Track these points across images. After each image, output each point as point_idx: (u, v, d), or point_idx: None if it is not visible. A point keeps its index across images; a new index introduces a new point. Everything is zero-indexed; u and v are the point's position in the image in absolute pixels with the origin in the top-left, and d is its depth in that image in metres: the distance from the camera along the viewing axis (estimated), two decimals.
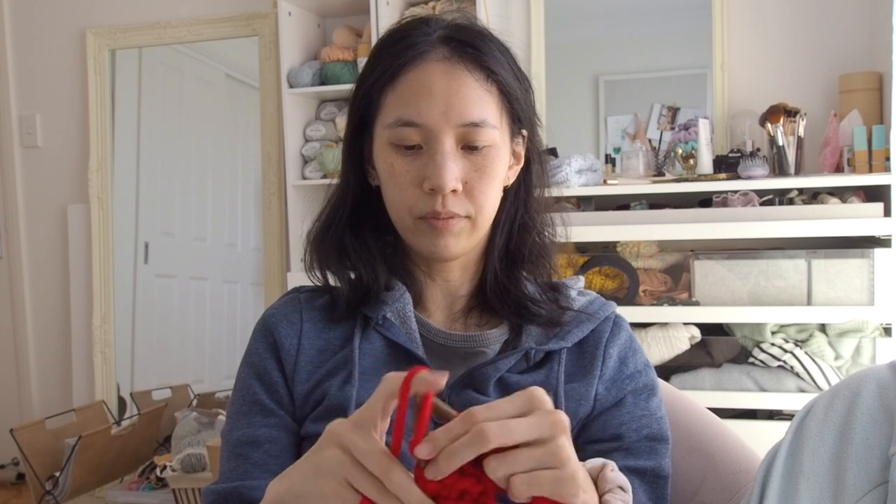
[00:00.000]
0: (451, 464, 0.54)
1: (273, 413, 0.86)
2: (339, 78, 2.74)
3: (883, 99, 2.36)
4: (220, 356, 3.46)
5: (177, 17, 3.11)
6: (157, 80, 3.36)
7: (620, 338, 0.91)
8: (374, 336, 0.87)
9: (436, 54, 0.83)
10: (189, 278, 3.47)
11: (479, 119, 0.82)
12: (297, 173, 2.81)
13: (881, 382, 0.72)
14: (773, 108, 2.34)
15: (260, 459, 0.83)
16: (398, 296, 0.88)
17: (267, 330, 0.90)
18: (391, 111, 0.83)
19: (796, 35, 2.53)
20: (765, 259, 2.28)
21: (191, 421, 2.66)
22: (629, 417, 0.86)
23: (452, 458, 0.53)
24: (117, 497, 2.79)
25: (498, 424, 0.54)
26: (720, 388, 2.27)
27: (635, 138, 2.66)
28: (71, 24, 3.23)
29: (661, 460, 0.86)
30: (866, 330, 2.16)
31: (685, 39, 2.68)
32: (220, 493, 0.82)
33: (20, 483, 3.25)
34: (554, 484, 0.55)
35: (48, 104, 3.28)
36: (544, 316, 0.89)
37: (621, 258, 2.36)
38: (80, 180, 3.22)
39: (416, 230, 0.85)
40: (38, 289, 3.34)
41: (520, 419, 0.55)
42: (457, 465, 0.54)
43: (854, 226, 2.15)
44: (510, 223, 0.91)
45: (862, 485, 0.67)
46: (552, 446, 0.55)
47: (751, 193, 2.27)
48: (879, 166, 2.21)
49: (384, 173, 0.85)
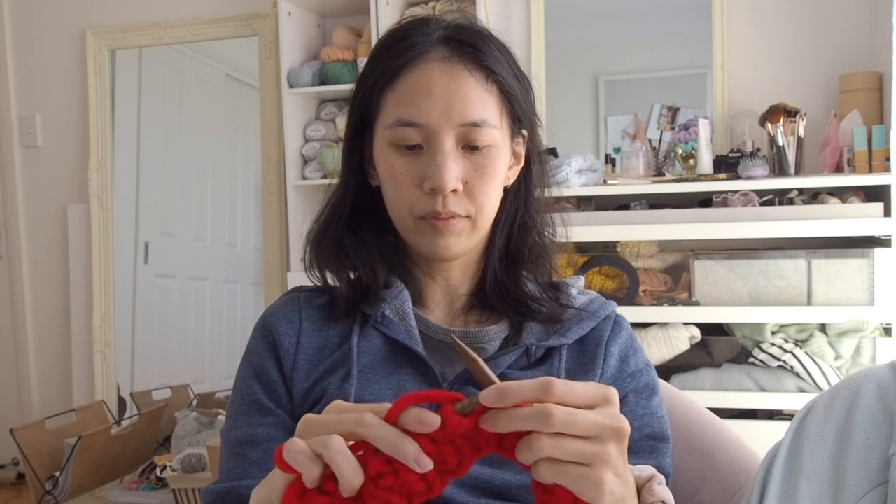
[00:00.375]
0: (508, 425, 0.53)
1: (271, 412, 0.86)
2: (339, 78, 2.74)
3: (883, 99, 2.36)
4: (220, 356, 3.46)
5: (177, 17, 3.11)
6: (157, 80, 3.36)
7: (621, 336, 0.91)
8: (372, 334, 0.87)
9: (436, 54, 0.83)
10: (189, 278, 3.47)
11: (479, 119, 0.82)
12: (297, 173, 2.81)
13: (881, 382, 0.72)
14: (773, 108, 2.34)
15: (259, 459, 0.83)
16: (397, 293, 0.88)
17: (266, 329, 0.90)
18: (391, 111, 0.83)
19: (796, 35, 2.53)
20: (765, 259, 2.28)
21: (191, 421, 2.66)
22: (631, 416, 0.86)
23: (511, 421, 0.53)
24: (117, 497, 2.79)
25: (566, 412, 0.53)
26: (720, 388, 2.27)
27: (635, 138, 2.66)
28: (71, 24, 3.23)
29: (663, 459, 0.86)
30: (866, 330, 2.16)
31: (685, 39, 2.68)
32: (219, 492, 0.83)
33: (20, 483, 3.25)
34: (579, 481, 0.54)
35: (48, 104, 3.28)
36: (545, 313, 0.89)
37: (621, 258, 2.36)
38: (80, 180, 3.22)
39: (417, 230, 0.85)
40: (38, 289, 3.34)
41: (587, 413, 0.54)
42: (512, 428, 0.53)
43: (854, 226, 2.15)
44: (510, 223, 0.92)
45: (862, 485, 0.67)
46: (602, 449, 0.54)
47: (751, 193, 2.27)
48: (879, 166, 2.21)
49: (384, 173, 0.86)
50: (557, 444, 0.53)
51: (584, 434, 0.54)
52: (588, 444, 0.54)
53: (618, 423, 0.55)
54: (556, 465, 0.54)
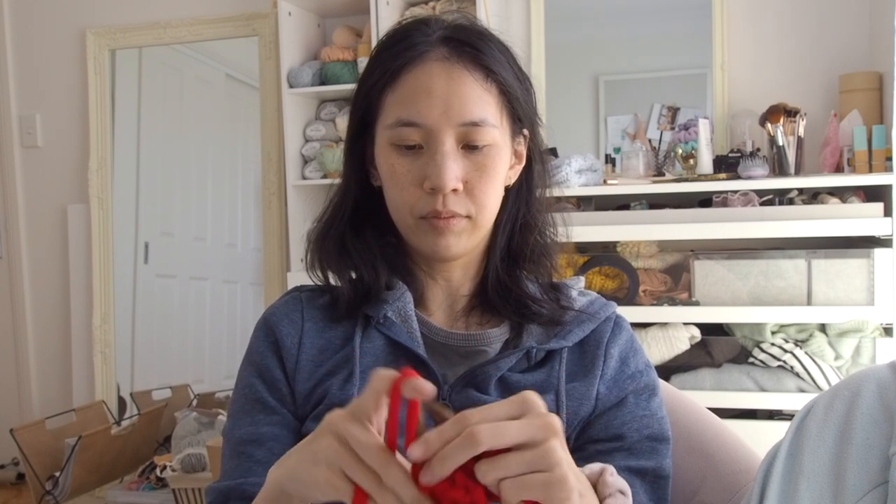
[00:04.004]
0: (444, 467, 0.53)
1: (275, 411, 0.86)
2: (339, 78, 2.74)
3: (883, 99, 2.36)
4: (220, 356, 3.46)
5: (177, 17, 3.11)
6: (157, 80, 3.36)
7: (621, 338, 0.91)
8: (374, 335, 0.87)
9: (435, 54, 0.83)
10: (189, 278, 3.47)
11: (478, 118, 0.82)
12: (297, 173, 2.81)
13: (881, 382, 0.72)
14: (773, 108, 2.34)
15: (262, 457, 0.83)
16: (399, 295, 0.88)
17: (268, 328, 0.90)
18: (391, 111, 0.84)
19: (796, 35, 2.53)
20: (765, 259, 2.28)
21: (191, 421, 2.66)
22: (631, 417, 0.86)
23: (444, 461, 0.53)
24: (117, 497, 2.79)
25: (489, 426, 0.53)
26: (720, 388, 2.27)
27: (635, 138, 2.66)
28: (71, 24, 3.23)
29: (663, 460, 0.86)
30: (866, 330, 2.16)
31: (685, 39, 2.68)
32: (223, 490, 0.83)
33: (20, 483, 3.25)
34: (543, 487, 0.54)
35: (48, 104, 3.28)
36: (545, 315, 0.89)
37: (621, 258, 2.36)
38: (80, 180, 3.22)
39: (418, 230, 0.85)
40: (38, 289, 3.34)
41: (511, 422, 0.54)
42: (450, 468, 0.53)
43: (854, 226, 2.15)
44: (512, 223, 0.92)
45: (862, 485, 0.67)
46: (543, 449, 0.55)
47: (751, 193, 2.27)
48: (879, 166, 2.21)
49: (385, 173, 0.86)
50: (500, 462, 0.54)
51: (518, 440, 0.54)
52: (529, 450, 0.54)
53: (544, 420, 0.55)
54: (516, 482, 0.54)
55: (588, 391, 0.86)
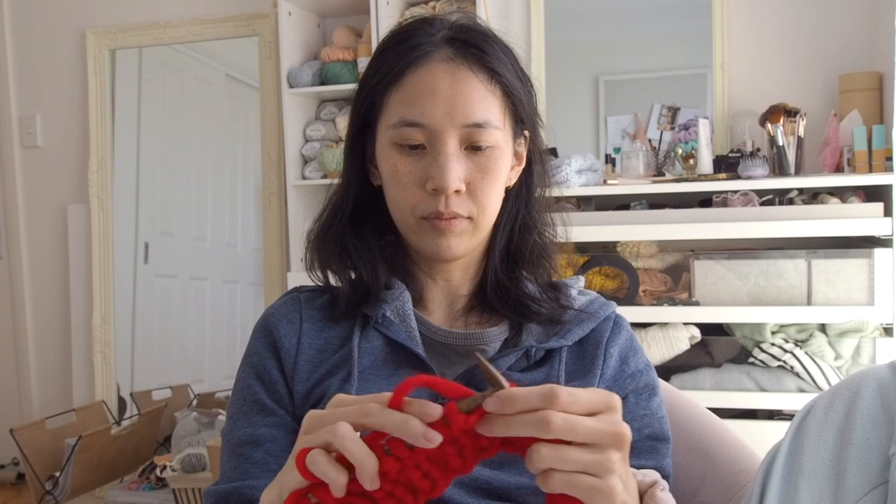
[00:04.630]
0: (505, 430, 0.53)
1: (273, 412, 0.86)
2: (339, 78, 2.74)
3: (883, 99, 2.36)
4: (220, 356, 3.46)
5: (177, 17, 3.11)
6: (157, 80, 3.36)
7: (621, 337, 0.91)
8: (373, 335, 0.87)
9: (440, 55, 0.83)
10: (189, 278, 3.47)
11: (482, 120, 0.82)
12: (297, 173, 2.81)
13: (881, 382, 0.72)
14: (773, 108, 2.34)
15: (261, 459, 0.83)
16: (398, 294, 0.88)
17: (267, 329, 0.90)
18: (395, 111, 0.84)
19: (796, 35, 2.53)
20: (765, 259, 2.28)
21: (191, 421, 2.66)
22: (631, 417, 0.86)
23: (508, 427, 0.53)
24: (117, 497, 2.79)
25: (564, 419, 0.53)
26: (720, 388, 2.27)
27: (635, 138, 2.66)
28: (71, 24, 3.23)
29: (663, 460, 0.86)
30: (866, 330, 2.16)
31: (685, 39, 2.68)
32: (221, 493, 0.82)
33: (20, 483, 3.25)
34: (589, 491, 0.54)
35: (48, 104, 3.28)
36: (545, 314, 0.90)
37: (621, 258, 2.36)
38: (80, 180, 3.22)
39: (419, 230, 0.85)
40: (38, 289, 3.34)
41: (586, 420, 0.54)
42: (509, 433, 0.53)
43: (854, 226, 2.15)
44: (511, 223, 0.92)
45: (862, 485, 0.67)
46: (604, 457, 0.54)
47: (751, 193, 2.27)
48: (879, 166, 2.21)
49: (387, 173, 0.86)
50: (558, 453, 0.53)
51: (584, 440, 0.54)
52: (589, 452, 0.54)
53: (618, 429, 0.55)
54: (565, 477, 0.54)
55: None
